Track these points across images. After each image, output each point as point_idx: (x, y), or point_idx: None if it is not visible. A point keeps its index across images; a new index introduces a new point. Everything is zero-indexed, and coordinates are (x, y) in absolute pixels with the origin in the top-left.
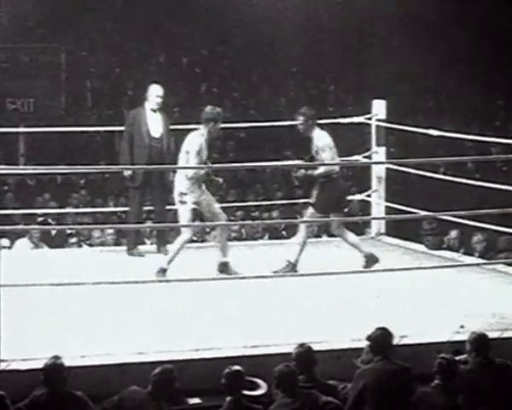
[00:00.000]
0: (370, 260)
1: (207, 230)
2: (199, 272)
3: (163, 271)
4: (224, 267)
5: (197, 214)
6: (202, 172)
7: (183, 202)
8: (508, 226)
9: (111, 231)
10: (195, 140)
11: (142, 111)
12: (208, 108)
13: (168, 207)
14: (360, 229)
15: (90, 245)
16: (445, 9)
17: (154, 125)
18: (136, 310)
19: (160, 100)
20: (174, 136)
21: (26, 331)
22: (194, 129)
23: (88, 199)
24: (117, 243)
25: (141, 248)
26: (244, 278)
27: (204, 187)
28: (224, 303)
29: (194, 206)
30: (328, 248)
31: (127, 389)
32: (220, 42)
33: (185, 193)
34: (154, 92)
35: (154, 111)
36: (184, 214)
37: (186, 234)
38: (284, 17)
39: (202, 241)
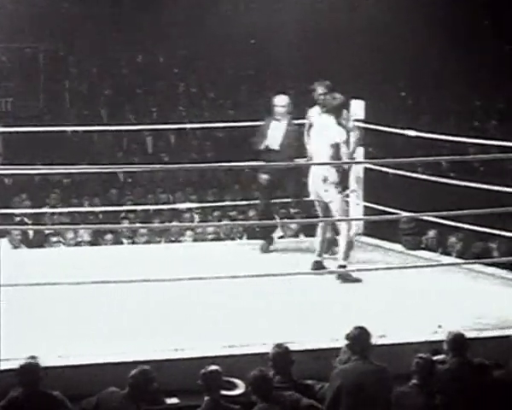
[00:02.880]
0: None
1: None
2: (177, 271)
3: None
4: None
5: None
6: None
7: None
8: (483, 226)
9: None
10: (339, 129)
11: (268, 121)
12: (334, 96)
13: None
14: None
15: (68, 245)
16: (423, 11)
17: (275, 135)
18: (115, 310)
19: (283, 110)
20: (151, 135)
21: (3, 332)
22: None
23: (64, 198)
24: (94, 243)
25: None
26: (220, 277)
27: None
28: (201, 303)
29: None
30: (306, 249)
31: (105, 390)
32: (198, 42)
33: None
34: (278, 102)
35: (277, 121)
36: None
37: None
38: (262, 17)
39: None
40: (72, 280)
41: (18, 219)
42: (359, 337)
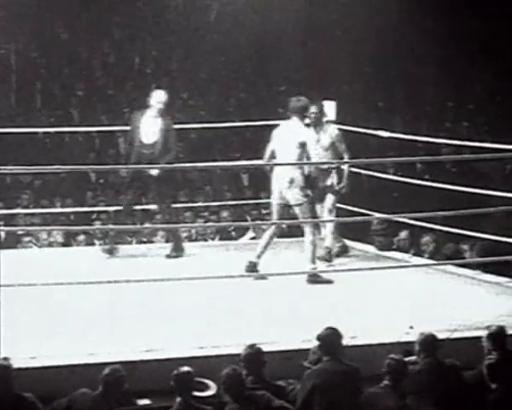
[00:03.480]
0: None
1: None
2: (150, 272)
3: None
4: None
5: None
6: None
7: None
8: (455, 227)
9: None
10: (305, 130)
11: (138, 116)
12: (298, 98)
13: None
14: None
15: (40, 246)
16: (397, 11)
17: (149, 131)
18: (86, 311)
19: (162, 106)
20: (123, 136)
21: None
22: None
23: (36, 199)
24: (67, 244)
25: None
26: (194, 278)
27: None
28: (173, 304)
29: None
30: (279, 250)
31: (77, 391)
32: (170, 43)
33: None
34: (158, 98)
35: (154, 117)
36: (303, 212)
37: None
38: (234, 17)
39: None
40: (44, 281)
41: None
42: (330, 338)
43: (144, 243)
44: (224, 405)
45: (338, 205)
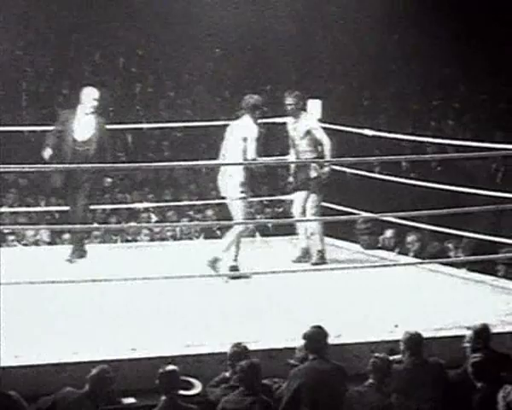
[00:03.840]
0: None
1: None
2: (136, 271)
3: (235, 268)
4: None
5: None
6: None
7: (244, 197)
8: (441, 226)
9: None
10: (252, 127)
11: (71, 114)
12: (251, 96)
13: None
14: (294, 228)
15: (25, 245)
16: (383, 9)
17: (83, 128)
18: (72, 309)
19: (95, 103)
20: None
21: None
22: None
23: (21, 198)
24: (52, 243)
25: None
26: (180, 277)
27: None
28: (159, 303)
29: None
30: (260, 248)
31: (62, 390)
32: (155, 41)
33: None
34: (90, 95)
35: (87, 114)
36: (241, 209)
37: (240, 227)
38: (219, 17)
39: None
40: (27, 279)
41: None
42: (316, 337)
43: (129, 241)
44: (209, 403)
45: (324, 203)
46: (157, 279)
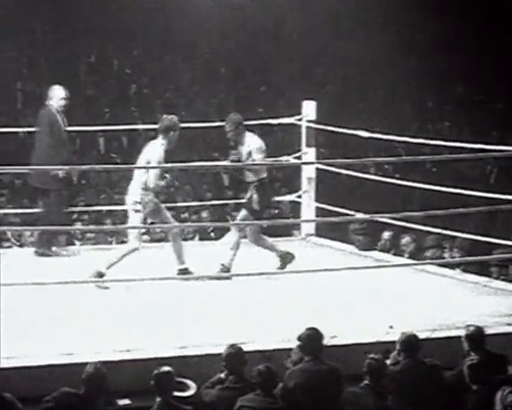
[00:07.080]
0: (286, 258)
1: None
2: (131, 272)
3: (100, 274)
4: (184, 273)
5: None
6: (162, 183)
7: (136, 211)
8: (435, 227)
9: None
10: (157, 150)
11: (52, 111)
12: (166, 117)
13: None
14: (289, 230)
15: (21, 246)
16: (376, 10)
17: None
18: (67, 311)
19: (65, 102)
20: (104, 136)
21: None
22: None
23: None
24: None
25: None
26: (174, 278)
27: (158, 198)
28: (154, 304)
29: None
30: (255, 249)
31: (58, 391)
32: (150, 43)
33: (139, 202)
34: (60, 94)
35: (58, 112)
36: (135, 223)
37: (135, 243)
38: (213, 17)
39: None
40: (20, 280)
41: None
42: (311, 338)
43: (125, 242)
44: (204, 405)
45: (319, 205)
46: (152, 280)
